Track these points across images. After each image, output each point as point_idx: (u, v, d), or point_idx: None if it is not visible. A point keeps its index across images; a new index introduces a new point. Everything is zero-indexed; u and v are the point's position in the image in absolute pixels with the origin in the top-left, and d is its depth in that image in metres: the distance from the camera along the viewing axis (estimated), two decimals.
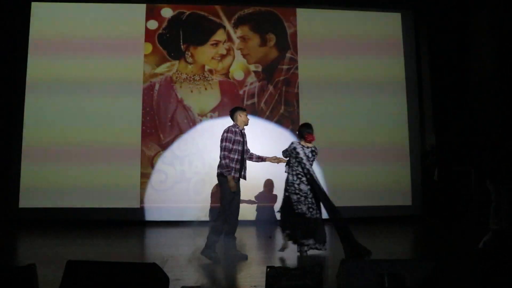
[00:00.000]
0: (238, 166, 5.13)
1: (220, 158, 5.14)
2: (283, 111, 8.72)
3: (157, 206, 8.33)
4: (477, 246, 5.11)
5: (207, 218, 8.07)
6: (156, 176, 8.43)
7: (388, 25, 9.37)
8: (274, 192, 8.33)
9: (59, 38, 8.60)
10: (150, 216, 8.32)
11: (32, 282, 3.15)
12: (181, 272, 4.40)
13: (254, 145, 5.76)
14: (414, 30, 9.49)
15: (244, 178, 5.26)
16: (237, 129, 5.24)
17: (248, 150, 5.37)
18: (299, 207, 5.28)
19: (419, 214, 8.86)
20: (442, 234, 7.50)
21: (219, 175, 5.16)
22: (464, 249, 5.73)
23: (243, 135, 5.29)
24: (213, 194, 8.28)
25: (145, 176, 8.40)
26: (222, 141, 5.17)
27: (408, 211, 8.82)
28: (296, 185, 5.35)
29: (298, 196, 5.32)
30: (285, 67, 8.98)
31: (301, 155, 5.36)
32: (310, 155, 5.43)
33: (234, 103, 8.67)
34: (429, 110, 9.51)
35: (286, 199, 5.40)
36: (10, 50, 8.48)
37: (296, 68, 9.00)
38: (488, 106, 8.55)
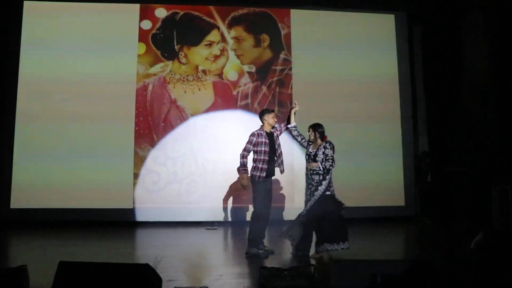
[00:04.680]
0: (265, 167, 5.38)
1: (240, 157, 5.43)
2: (276, 112, 8.70)
3: (150, 207, 8.31)
4: (469, 246, 5.13)
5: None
6: (149, 177, 8.40)
7: (382, 26, 9.40)
8: (281, 192, 8.38)
9: (52, 37, 8.55)
10: (142, 216, 8.29)
11: (23, 283, 3.13)
12: (174, 273, 4.39)
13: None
14: (408, 32, 9.53)
15: (281, 169, 5.56)
16: (261, 132, 5.47)
17: (279, 148, 5.56)
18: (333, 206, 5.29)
19: (412, 215, 8.89)
20: (434, 234, 7.53)
21: (251, 176, 5.45)
22: (456, 249, 5.75)
23: (269, 136, 5.48)
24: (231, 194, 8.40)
25: (138, 177, 8.37)
26: (246, 142, 5.46)
27: (401, 212, 8.84)
28: (332, 184, 5.36)
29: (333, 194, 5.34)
30: (278, 68, 8.98)
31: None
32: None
33: (227, 104, 8.70)
34: (422, 111, 9.56)
35: (327, 200, 5.33)
36: (2, 48, 8.42)
37: (290, 69, 9.00)
38: (480, 107, 8.59)
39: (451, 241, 6.82)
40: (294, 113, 5.65)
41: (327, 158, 5.32)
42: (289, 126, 5.60)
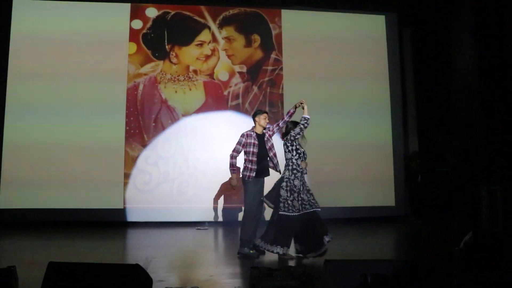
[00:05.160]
0: (254, 167, 5.40)
1: (229, 157, 5.49)
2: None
3: (141, 207, 8.28)
4: (458, 246, 5.16)
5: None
6: (140, 177, 8.37)
7: (372, 27, 9.46)
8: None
9: (41, 36, 8.49)
10: (133, 217, 8.26)
11: (12, 284, 3.10)
12: (165, 273, 4.37)
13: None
14: (398, 32, 9.59)
15: (277, 170, 5.54)
16: (251, 133, 5.49)
17: (271, 149, 5.56)
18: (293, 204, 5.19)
19: (402, 215, 8.94)
20: (424, 234, 7.58)
21: (241, 177, 5.49)
22: (446, 249, 5.79)
23: (259, 137, 5.49)
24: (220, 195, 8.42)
25: (128, 177, 8.33)
26: (236, 143, 5.51)
27: (391, 212, 8.90)
28: (292, 180, 5.24)
29: (292, 192, 5.20)
30: (269, 68, 9.00)
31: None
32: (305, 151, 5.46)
33: (218, 104, 8.70)
34: (413, 111, 9.62)
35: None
36: None
37: (281, 69, 9.02)
38: (470, 107, 8.66)
39: (441, 241, 6.86)
40: (303, 108, 5.57)
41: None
42: (305, 116, 5.42)
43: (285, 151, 5.37)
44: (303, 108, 5.55)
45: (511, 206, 7.28)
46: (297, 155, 5.31)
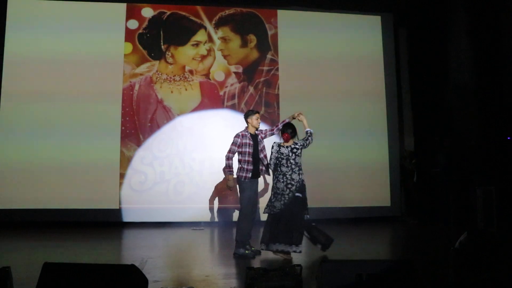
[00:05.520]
0: (250, 167, 5.42)
1: (225, 158, 5.48)
2: (263, 112, 8.71)
3: (136, 207, 8.26)
4: (454, 246, 5.18)
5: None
6: (135, 177, 8.35)
7: (368, 27, 9.47)
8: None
9: (36, 36, 8.44)
10: (129, 217, 8.24)
11: (6, 285, 3.09)
12: (160, 274, 4.37)
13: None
14: (394, 33, 9.61)
15: (267, 172, 5.67)
16: (245, 133, 5.50)
17: (262, 150, 5.63)
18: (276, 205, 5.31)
19: (398, 215, 8.97)
20: (420, 234, 7.60)
21: (237, 177, 5.48)
22: (441, 249, 5.81)
23: (253, 138, 5.51)
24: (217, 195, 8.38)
25: (124, 177, 8.31)
26: (230, 144, 5.49)
27: (387, 212, 8.92)
28: (274, 184, 5.36)
29: (276, 195, 5.30)
30: (265, 68, 9.00)
31: (274, 155, 5.42)
32: (290, 153, 5.41)
33: (214, 104, 8.69)
34: (408, 111, 9.63)
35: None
36: None
37: (277, 69, 9.02)
38: (465, 108, 8.69)
39: (436, 241, 6.88)
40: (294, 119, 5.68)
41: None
42: (310, 130, 5.52)
43: (297, 156, 5.38)
44: (299, 120, 5.61)
45: (506, 206, 7.32)
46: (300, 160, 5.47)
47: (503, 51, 8.08)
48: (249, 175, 5.39)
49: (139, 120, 8.52)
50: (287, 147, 5.41)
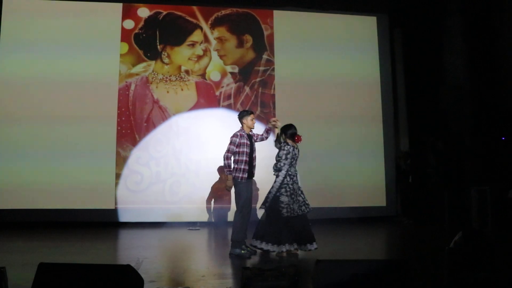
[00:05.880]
0: (247, 167, 5.44)
1: (223, 158, 5.46)
2: (259, 113, 8.73)
3: (132, 207, 8.25)
4: (448, 246, 5.21)
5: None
6: (131, 177, 8.34)
7: (364, 28, 9.49)
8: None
9: (32, 35, 8.41)
10: (125, 217, 8.23)
11: (1, 285, 3.08)
12: (156, 274, 4.37)
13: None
14: (389, 34, 9.63)
15: (253, 175, 5.63)
16: (243, 133, 5.52)
17: (254, 151, 5.64)
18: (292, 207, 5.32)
19: (393, 215, 8.99)
20: (415, 234, 7.62)
21: (233, 178, 5.47)
22: (436, 249, 5.84)
23: (249, 138, 5.54)
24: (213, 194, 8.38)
25: (120, 177, 8.30)
26: (228, 143, 5.48)
27: (382, 212, 8.94)
28: (290, 185, 5.37)
29: (293, 196, 5.34)
30: (261, 68, 9.00)
31: (295, 155, 5.49)
32: (298, 155, 5.53)
33: (210, 104, 8.69)
34: (404, 112, 9.66)
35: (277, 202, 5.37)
36: None
37: (273, 69, 9.03)
38: (460, 109, 8.73)
39: (431, 241, 6.91)
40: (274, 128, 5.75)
41: (277, 159, 5.49)
42: (267, 129, 5.69)
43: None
44: (273, 125, 5.69)
45: (500, 206, 7.36)
46: (295, 161, 5.51)
47: (498, 52, 8.12)
48: (246, 175, 5.40)
49: (135, 120, 8.51)
50: (296, 148, 5.54)
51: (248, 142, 5.47)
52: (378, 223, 8.58)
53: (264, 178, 6.41)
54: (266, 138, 5.78)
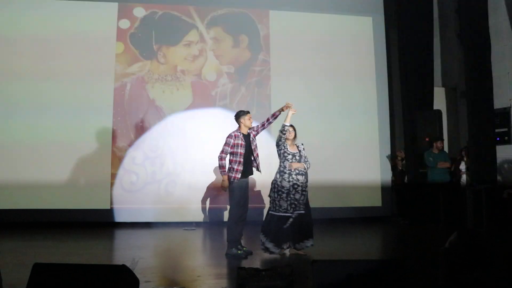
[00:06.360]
0: (241, 168, 5.41)
1: (218, 159, 5.46)
2: (255, 113, 8.69)
3: (128, 207, 8.23)
4: (444, 246, 5.21)
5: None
6: (127, 177, 8.32)
7: (359, 28, 9.50)
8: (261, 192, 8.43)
9: (27, 34, 8.38)
10: (120, 217, 8.21)
11: None
12: (152, 274, 4.36)
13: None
14: (385, 34, 9.65)
15: (258, 170, 5.65)
16: (238, 133, 5.51)
17: (255, 149, 5.60)
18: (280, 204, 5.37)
19: (388, 215, 9.01)
20: (410, 234, 7.64)
21: (228, 177, 5.46)
22: (431, 249, 5.85)
23: (246, 138, 5.52)
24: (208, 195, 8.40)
25: (115, 177, 8.28)
26: (223, 144, 5.48)
27: (378, 212, 8.96)
28: (279, 182, 5.42)
29: (280, 192, 5.38)
30: (257, 68, 9.00)
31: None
32: (298, 152, 5.57)
33: (206, 104, 8.69)
34: (399, 112, 9.68)
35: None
36: None
37: (269, 69, 9.03)
38: (455, 109, 8.76)
39: (426, 241, 6.93)
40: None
41: (306, 160, 5.56)
42: (285, 123, 5.56)
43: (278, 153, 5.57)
44: (283, 111, 5.67)
45: (495, 206, 7.38)
46: (284, 158, 5.48)
47: (493, 53, 8.15)
48: (238, 175, 5.39)
49: (131, 120, 8.49)
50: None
51: (243, 143, 5.46)
52: (374, 223, 8.59)
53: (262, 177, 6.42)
54: (273, 120, 5.71)
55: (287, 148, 5.51)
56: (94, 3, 8.67)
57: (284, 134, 5.49)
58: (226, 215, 8.09)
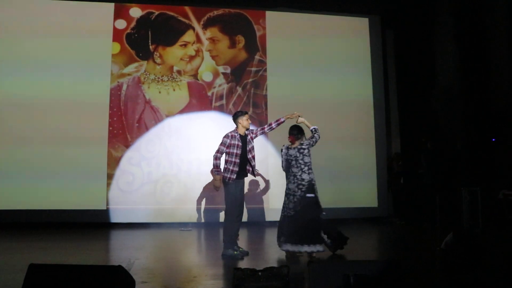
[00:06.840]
0: (236, 169, 5.41)
1: (213, 158, 5.44)
2: (251, 113, 8.72)
3: (124, 208, 8.22)
4: (440, 246, 5.23)
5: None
6: (123, 178, 8.30)
7: (356, 29, 9.52)
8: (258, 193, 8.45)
9: (23, 34, 8.36)
10: (116, 218, 8.19)
11: None
12: (148, 275, 4.35)
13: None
14: (381, 35, 9.67)
15: (253, 174, 5.68)
16: (235, 134, 5.48)
17: (251, 151, 5.59)
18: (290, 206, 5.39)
19: (385, 216, 9.02)
20: (406, 235, 7.65)
21: (222, 179, 5.45)
22: (428, 249, 5.86)
23: (242, 139, 5.50)
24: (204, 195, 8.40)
25: (111, 177, 8.26)
26: (219, 144, 5.46)
27: (374, 213, 8.97)
28: (287, 185, 5.50)
29: (288, 195, 5.44)
30: (253, 69, 9.00)
31: (283, 157, 5.59)
32: (297, 154, 5.51)
33: (202, 105, 8.68)
34: (395, 113, 9.70)
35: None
36: None
37: (265, 70, 9.04)
38: (451, 110, 8.78)
39: (422, 241, 6.94)
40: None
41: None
42: (315, 127, 5.81)
43: (305, 155, 5.58)
44: (297, 123, 5.79)
45: (491, 207, 7.41)
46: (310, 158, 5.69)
47: (489, 54, 8.17)
48: (234, 176, 5.38)
49: (127, 121, 8.48)
50: (294, 148, 5.55)
51: (240, 144, 5.44)
52: (370, 223, 8.61)
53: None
54: (276, 126, 5.77)
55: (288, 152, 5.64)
56: (90, 3, 8.65)
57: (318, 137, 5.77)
58: (222, 216, 8.09)
